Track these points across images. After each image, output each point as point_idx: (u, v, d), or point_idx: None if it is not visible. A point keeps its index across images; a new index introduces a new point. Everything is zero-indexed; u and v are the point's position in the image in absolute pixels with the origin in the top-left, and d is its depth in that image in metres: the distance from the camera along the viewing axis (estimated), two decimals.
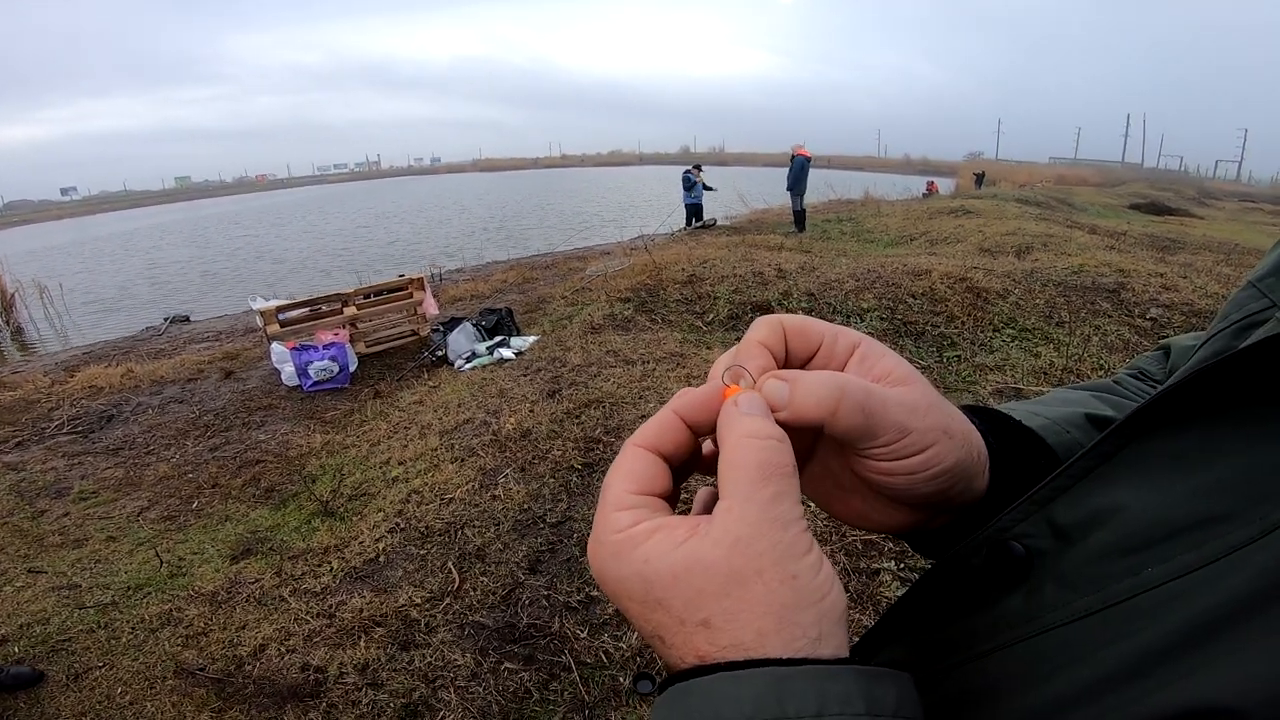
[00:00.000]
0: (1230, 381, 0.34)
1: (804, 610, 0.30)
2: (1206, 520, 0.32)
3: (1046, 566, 0.38)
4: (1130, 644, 0.31)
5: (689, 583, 0.31)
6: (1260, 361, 0.33)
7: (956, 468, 0.39)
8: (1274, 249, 0.45)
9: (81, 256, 27.81)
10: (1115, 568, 0.34)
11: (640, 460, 0.36)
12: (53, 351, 10.46)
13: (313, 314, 7.02)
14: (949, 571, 0.44)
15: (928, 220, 13.27)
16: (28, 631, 3.15)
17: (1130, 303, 6.38)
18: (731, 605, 0.30)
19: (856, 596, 2.75)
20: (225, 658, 2.83)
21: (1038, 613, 0.36)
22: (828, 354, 0.40)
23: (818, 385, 0.35)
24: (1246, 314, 0.42)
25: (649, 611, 0.32)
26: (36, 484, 4.84)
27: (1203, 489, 0.33)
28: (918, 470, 0.38)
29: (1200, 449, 0.35)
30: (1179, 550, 0.32)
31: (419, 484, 3.99)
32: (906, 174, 53.98)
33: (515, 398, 4.92)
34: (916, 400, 0.38)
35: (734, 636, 0.30)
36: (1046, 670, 0.34)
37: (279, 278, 17.01)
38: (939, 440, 0.38)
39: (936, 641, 0.42)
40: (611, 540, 0.34)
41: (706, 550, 0.31)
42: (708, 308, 6.70)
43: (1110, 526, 0.36)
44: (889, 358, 0.40)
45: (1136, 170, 70.66)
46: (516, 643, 2.73)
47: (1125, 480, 0.37)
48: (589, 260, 11.79)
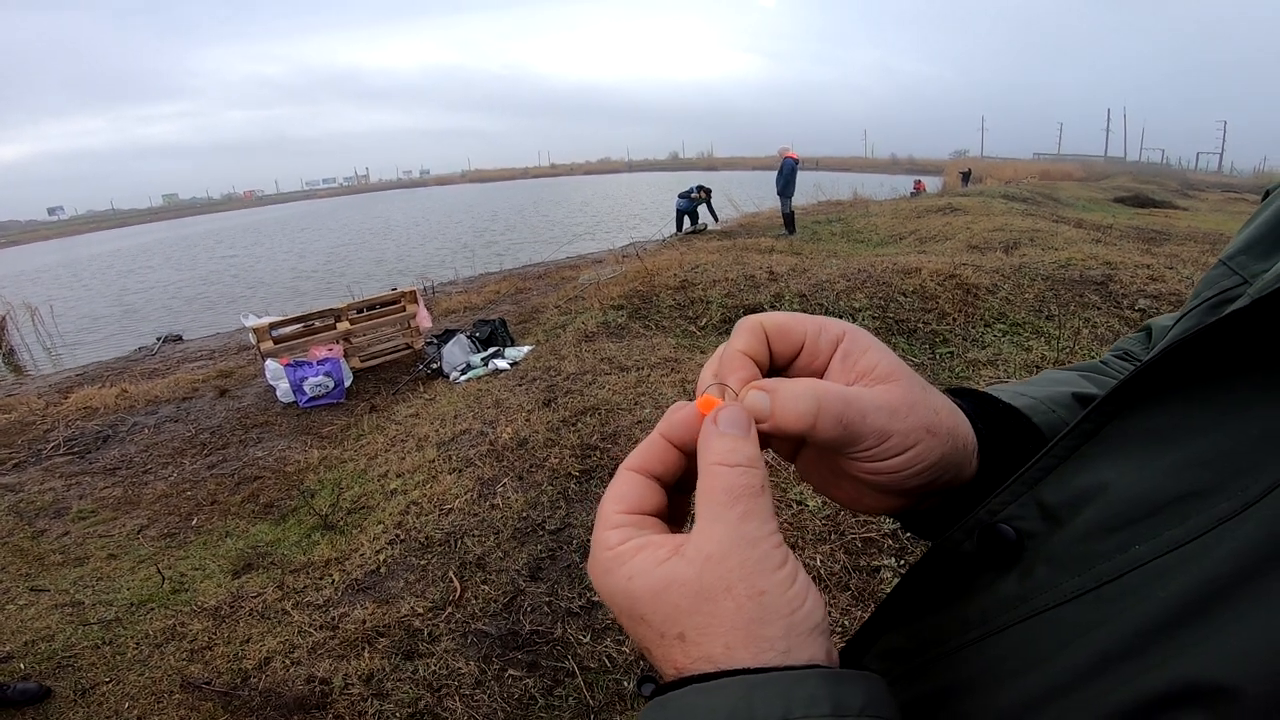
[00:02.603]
0: (1204, 356, 0.35)
1: (771, 624, 0.31)
2: (1189, 495, 0.33)
3: (1038, 548, 0.38)
4: (1122, 622, 0.31)
5: (666, 599, 0.32)
6: (1231, 335, 0.34)
7: (941, 462, 0.40)
8: (1244, 227, 0.46)
9: (71, 277, 27.66)
10: (1104, 546, 0.35)
11: (629, 482, 0.38)
12: (46, 373, 10.43)
13: (306, 330, 7.03)
14: (941, 558, 0.44)
15: (916, 219, 13.33)
16: (33, 648, 3.16)
17: (1118, 294, 6.44)
18: (702, 620, 0.31)
19: (857, 594, 2.77)
20: (231, 671, 2.84)
21: (1031, 595, 0.37)
22: (811, 352, 0.41)
23: (796, 399, 0.36)
24: (1219, 290, 0.42)
25: (635, 625, 0.34)
26: (35, 504, 4.84)
27: (1183, 464, 0.34)
28: (901, 469, 0.39)
29: (1178, 424, 0.35)
30: (1164, 526, 0.33)
31: (418, 495, 4.00)
32: (894, 173, 54.19)
33: (511, 408, 4.94)
34: (898, 402, 0.38)
35: (705, 650, 0.31)
36: (1043, 652, 0.34)
37: (272, 295, 16.95)
38: (921, 440, 0.39)
39: (933, 628, 0.43)
40: (602, 558, 0.35)
41: (681, 569, 0.32)
42: (700, 312, 6.73)
43: (1096, 505, 0.36)
44: (872, 352, 0.40)
45: (1120, 164, 71.01)
46: (520, 649, 2.75)
47: (1108, 458, 0.37)
48: (581, 269, 11.82)
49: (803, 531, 3.07)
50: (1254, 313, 0.32)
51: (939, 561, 0.44)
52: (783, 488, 3.38)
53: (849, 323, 0.42)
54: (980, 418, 0.46)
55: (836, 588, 2.78)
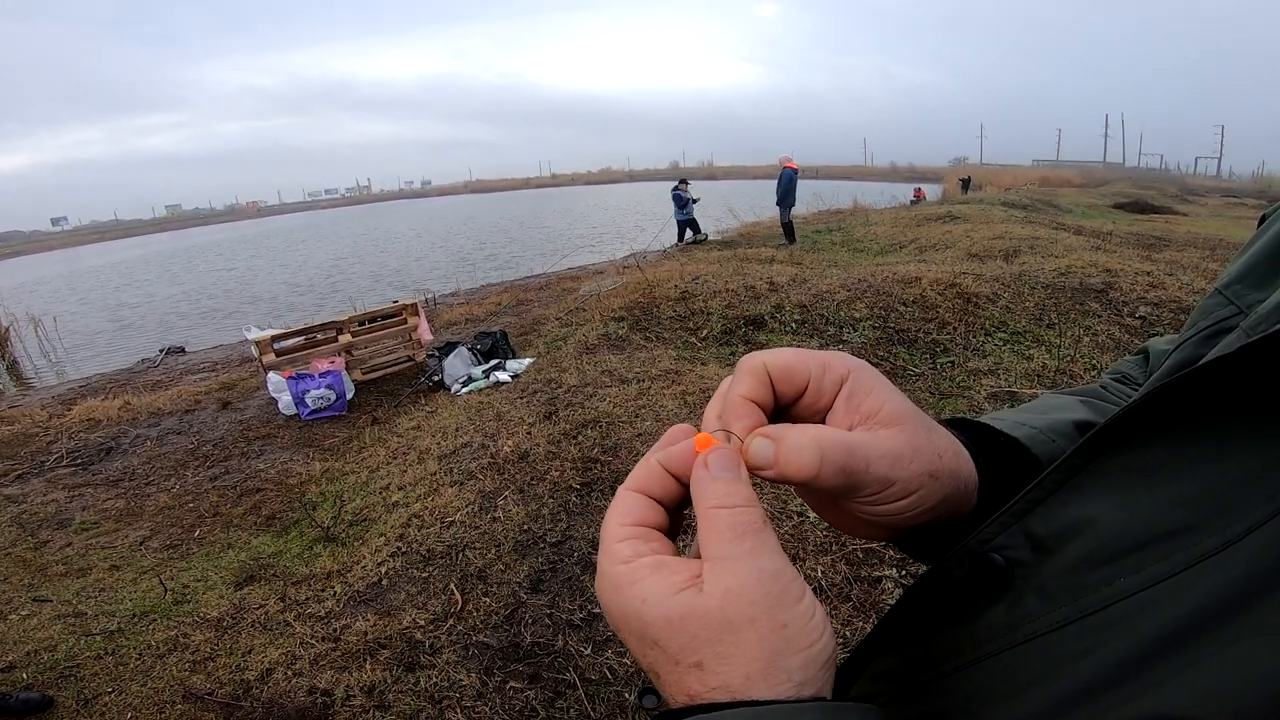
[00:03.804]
0: (1191, 396, 0.35)
1: (791, 656, 0.32)
2: (1174, 532, 0.33)
3: (1027, 577, 0.39)
4: (1105, 653, 0.32)
5: (684, 629, 0.32)
6: (1218, 377, 0.34)
7: (941, 505, 0.41)
8: (1239, 255, 0.46)
9: (75, 289, 27.74)
10: (1090, 578, 0.35)
11: (630, 499, 0.38)
12: (49, 385, 10.45)
13: (308, 343, 7.05)
14: (934, 584, 0.45)
15: (916, 227, 13.37)
16: (35, 658, 3.17)
17: (1119, 302, 6.45)
18: (724, 650, 0.31)
19: (859, 604, 2.77)
20: (233, 682, 2.85)
21: (1020, 622, 0.37)
22: (815, 392, 0.40)
23: (800, 451, 0.36)
24: (1214, 321, 0.43)
25: (645, 648, 0.34)
26: (38, 515, 4.86)
27: (1168, 502, 0.34)
28: (901, 513, 0.39)
29: (1164, 462, 0.36)
30: (1148, 561, 0.33)
31: (419, 508, 4.01)
32: (894, 181, 54.33)
33: (512, 420, 4.96)
34: (902, 448, 0.38)
35: (724, 679, 0.31)
36: (1028, 679, 0.35)
37: (276, 307, 16.99)
38: (924, 485, 0.39)
39: (925, 652, 0.43)
40: (613, 572, 0.35)
41: (701, 600, 0.32)
42: (701, 324, 6.75)
43: (1084, 538, 0.37)
44: (877, 393, 0.40)
45: (1119, 170, 71.13)
46: (521, 661, 2.75)
47: (1095, 493, 0.38)
48: (582, 280, 11.84)
49: (804, 542, 3.08)
50: (1241, 357, 0.33)
51: (932, 587, 0.45)
52: (783, 499, 3.39)
53: (854, 359, 0.42)
54: (980, 450, 0.46)
55: (838, 599, 2.79)
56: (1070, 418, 0.53)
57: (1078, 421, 0.52)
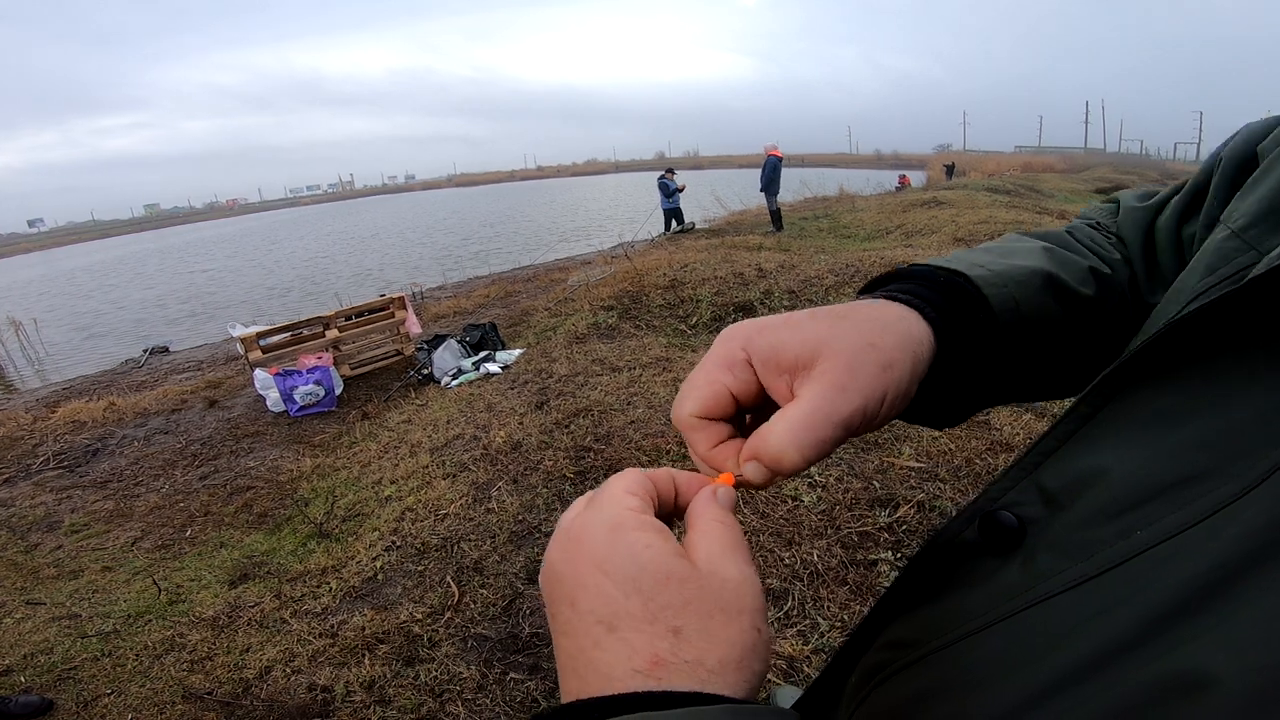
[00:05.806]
0: (1202, 333, 0.34)
1: (759, 660, 0.32)
2: (1190, 478, 0.32)
3: (1039, 534, 0.38)
4: (1125, 612, 0.30)
5: (680, 590, 0.31)
6: (1234, 310, 0.33)
7: (911, 378, 0.40)
8: (1246, 192, 0.44)
9: (54, 291, 27.41)
10: (1105, 532, 0.34)
11: (642, 478, 0.38)
12: (32, 388, 10.34)
13: (294, 338, 6.99)
14: (943, 548, 0.44)
15: (902, 213, 13.43)
16: (32, 661, 3.15)
17: None
18: (713, 626, 0.31)
19: (855, 587, 2.79)
20: (232, 681, 2.83)
21: (1034, 582, 0.36)
22: (750, 395, 0.41)
23: (778, 460, 0.37)
24: (1236, 269, 0.39)
25: (621, 595, 0.32)
26: (27, 519, 4.81)
27: (1183, 446, 0.33)
28: (883, 415, 0.39)
29: (1177, 406, 0.34)
30: (1165, 511, 0.32)
31: (412, 502, 4.00)
32: (879, 169, 54.36)
33: (504, 411, 4.95)
34: (842, 378, 0.37)
35: (700, 654, 0.30)
36: (1045, 643, 0.33)
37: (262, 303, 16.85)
38: (883, 383, 0.38)
39: (937, 617, 0.41)
40: (618, 513, 0.34)
41: (703, 577, 0.32)
42: (691, 311, 6.75)
43: (1097, 490, 0.35)
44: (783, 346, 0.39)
45: (1100, 155, 71.54)
46: (520, 652, 2.75)
47: (1107, 441, 0.36)
48: (570, 271, 11.81)
49: (799, 527, 3.10)
50: (1260, 286, 0.31)
51: (940, 551, 0.44)
52: (778, 484, 3.40)
53: (739, 332, 0.41)
54: (930, 304, 0.44)
55: (835, 582, 2.80)
56: (1029, 265, 0.50)
57: (1036, 270, 0.50)
